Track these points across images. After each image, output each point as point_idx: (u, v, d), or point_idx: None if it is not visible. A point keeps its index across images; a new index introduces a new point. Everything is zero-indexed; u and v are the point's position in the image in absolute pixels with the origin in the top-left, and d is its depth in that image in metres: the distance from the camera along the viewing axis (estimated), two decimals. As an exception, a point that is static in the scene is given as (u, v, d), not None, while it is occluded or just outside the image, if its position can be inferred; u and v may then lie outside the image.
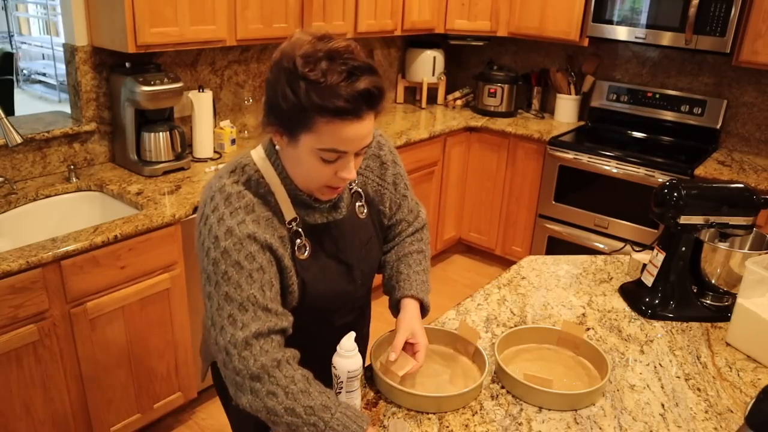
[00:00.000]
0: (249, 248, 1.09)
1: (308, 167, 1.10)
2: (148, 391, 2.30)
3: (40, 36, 8.97)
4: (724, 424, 1.24)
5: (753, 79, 3.34)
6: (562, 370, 1.38)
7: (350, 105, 1.02)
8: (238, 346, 1.06)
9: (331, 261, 1.24)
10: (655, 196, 1.64)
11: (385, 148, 1.36)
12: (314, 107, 1.01)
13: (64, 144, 2.47)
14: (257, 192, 1.15)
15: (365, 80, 1.03)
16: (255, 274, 1.09)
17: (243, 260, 1.08)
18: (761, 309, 1.45)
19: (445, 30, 3.80)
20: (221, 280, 1.09)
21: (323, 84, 1.01)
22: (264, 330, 1.08)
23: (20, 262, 1.79)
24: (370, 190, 1.33)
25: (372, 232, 1.33)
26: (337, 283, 1.26)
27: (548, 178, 3.53)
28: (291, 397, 1.05)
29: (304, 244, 1.19)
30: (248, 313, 1.08)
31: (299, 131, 1.06)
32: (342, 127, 1.03)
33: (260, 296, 1.09)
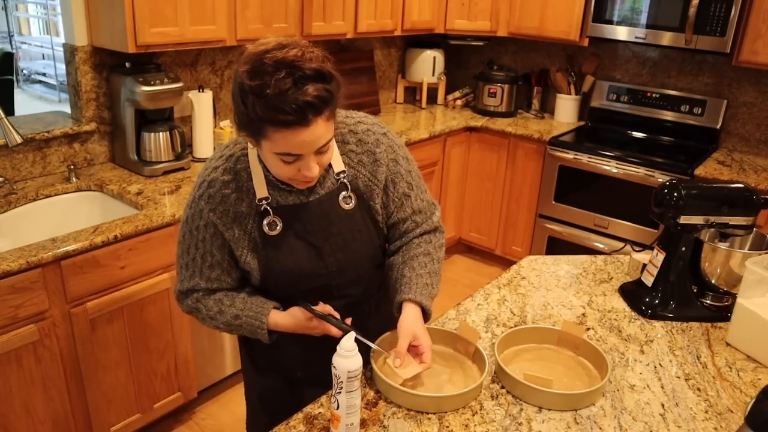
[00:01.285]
0: (198, 221, 1.29)
1: (273, 166, 1.19)
2: (148, 391, 2.30)
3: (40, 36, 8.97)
4: (724, 424, 1.24)
5: (753, 79, 3.34)
6: (562, 370, 1.38)
7: (294, 116, 1.06)
8: (177, 294, 1.38)
9: (299, 241, 1.30)
10: (655, 196, 1.64)
11: (383, 145, 1.34)
12: (262, 119, 1.08)
13: (64, 144, 2.47)
14: (233, 168, 1.28)
15: (310, 88, 1.07)
16: (200, 243, 1.30)
17: (193, 230, 1.30)
18: (761, 309, 1.45)
19: (445, 30, 3.80)
20: (182, 238, 1.33)
21: (270, 95, 1.05)
22: (191, 288, 1.34)
23: (20, 262, 1.79)
24: (361, 183, 1.33)
25: (360, 226, 1.33)
26: (304, 263, 1.31)
27: (548, 178, 3.53)
28: (213, 319, 1.35)
29: (275, 221, 1.28)
30: (189, 271, 1.33)
31: (258, 137, 1.14)
32: (291, 134, 1.09)
33: (201, 261, 1.31)
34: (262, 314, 1.31)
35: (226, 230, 1.28)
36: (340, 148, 1.31)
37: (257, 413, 1.59)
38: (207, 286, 1.34)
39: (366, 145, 1.33)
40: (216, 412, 2.62)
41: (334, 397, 1.12)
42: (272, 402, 1.53)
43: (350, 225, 1.32)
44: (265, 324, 1.31)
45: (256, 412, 1.60)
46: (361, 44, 3.74)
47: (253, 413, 1.62)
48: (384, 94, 4.06)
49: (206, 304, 1.35)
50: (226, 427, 2.54)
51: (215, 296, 1.35)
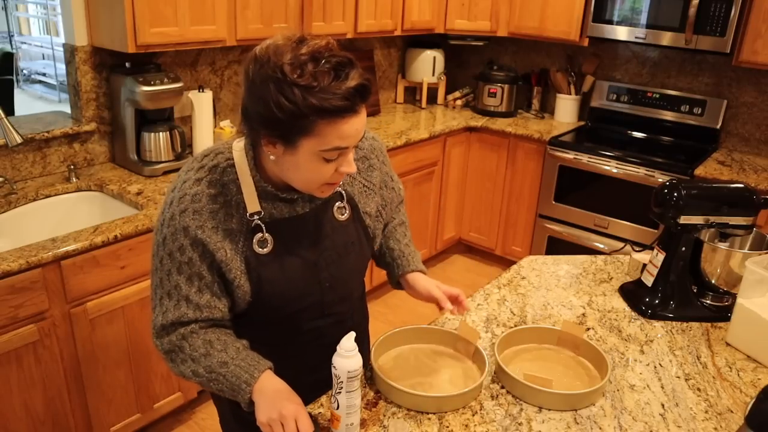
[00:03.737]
0: (181, 240, 1.14)
1: (309, 169, 1.10)
2: (148, 391, 2.30)
3: (40, 36, 8.97)
4: (724, 424, 1.24)
5: (753, 79, 3.34)
6: (562, 370, 1.38)
7: (348, 102, 1.03)
8: (157, 329, 1.19)
9: (293, 258, 1.22)
10: (655, 196, 1.64)
11: (376, 150, 1.36)
12: (314, 111, 1.02)
13: (64, 144, 2.47)
14: (220, 180, 1.16)
15: (354, 75, 1.04)
16: (184, 266, 1.15)
17: (176, 251, 1.15)
18: (761, 309, 1.45)
19: (445, 30, 3.80)
20: (159, 265, 1.17)
21: (317, 87, 1.01)
22: (179, 320, 1.17)
23: (20, 262, 1.79)
24: (356, 191, 1.31)
25: (353, 237, 1.29)
26: (298, 281, 1.23)
27: (548, 178, 3.53)
28: (195, 362, 1.16)
29: (266, 238, 1.18)
30: (172, 301, 1.17)
31: (298, 137, 1.06)
32: (342, 124, 1.05)
33: (186, 287, 1.16)
34: (255, 369, 1.14)
35: (216, 250, 1.15)
36: None
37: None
38: (195, 315, 1.17)
39: (361, 152, 1.33)
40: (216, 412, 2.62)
41: (334, 397, 1.12)
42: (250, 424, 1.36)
43: (344, 237, 1.28)
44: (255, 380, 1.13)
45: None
46: (361, 44, 3.74)
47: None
48: (384, 94, 4.06)
49: (193, 342, 1.17)
50: (226, 427, 2.54)
51: (206, 336, 1.18)
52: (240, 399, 1.13)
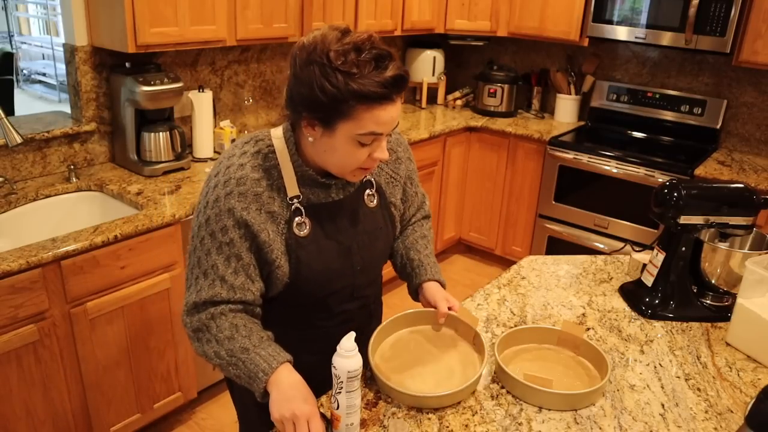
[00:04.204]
0: (225, 221, 1.19)
1: (344, 153, 1.17)
2: (148, 391, 2.30)
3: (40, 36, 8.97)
4: (724, 424, 1.24)
5: (753, 79, 3.34)
6: (562, 370, 1.38)
7: (386, 90, 1.11)
8: (188, 306, 1.23)
9: (330, 241, 1.28)
10: (655, 196, 1.64)
11: (403, 145, 1.45)
12: (354, 96, 1.09)
13: (64, 144, 2.47)
14: (262, 165, 1.22)
15: (392, 67, 1.12)
16: (225, 246, 1.19)
17: (218, 232, 1.19)
18: (761, 309, 1.45)
19: (445, 30, 3.80)
20: (198, 245, 1.21)
21: (358, 74, 1.09)
22: (212, 299, 1.20)
23: (20, 262, 1.79)
24: (383, 181, 1.39)
25: (380, 223, 1.36)
26: (334, 264, 1.29)
27: (548, 178, 3.53)
28: (219, 344, 1.19)
29: (304, 221, 1.25)
30: (207, 280, 1.21)
31: (337, 120, 1.13)
32: (379, 111, 1.12)
33: (223, 267, 1.20)
34: (274, 359, 1.17)
35: (260, 232, 1.20)
36: None
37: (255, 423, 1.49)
38: (228, 296, 1.21)
39: (389, 144, 1.39)
40: (216, 412, 2.62)
41: (334, 397, 1.12)
42: None
43: (373, 223, 1.35)
44: (273, 370, 1.15)
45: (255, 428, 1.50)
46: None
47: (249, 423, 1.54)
48: (384, 94, 4.05)
49: (220, 324, 1.20)
50: (226, 427, 2.54)
51: (233, 320, 1.21)
52: (255, 388, 1.16)
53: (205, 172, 2.59)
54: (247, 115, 3.15)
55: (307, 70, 1.11)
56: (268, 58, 3.15)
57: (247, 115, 3.15)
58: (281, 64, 3.23)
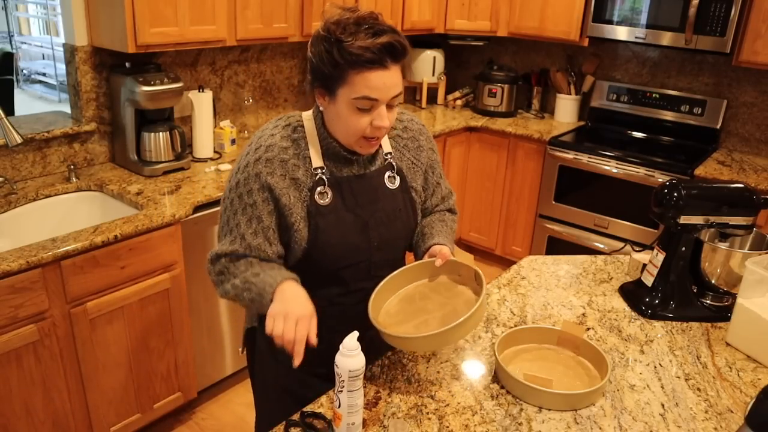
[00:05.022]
0: (251, 185, 1.29)
1: (347, 120, 1.26)
2: (148, 391, 2.30)
3: (40, 36, 8.97)
4: (724, 424, 1.24)
5: (753, 79, 3.34)
6: (562, 370, 1.38)
7: (375, 56, 1.19)
8: (212, 256, 1.35)
9: (348, 213, 1.34)
10: (655, 196, 1.64)
11: (425, 134, 1.51)
12: (346, 61, 1.19)
13: (64, 144, 2.47)
14: (291, 136, 1.33)
15: (387, 36, 1.21)
16: (249, 208, 1.30)
17: (244, 194, 1.30)
18: (761, 309, 1.45)
19: (445, 30, 3.80)
20: (228, 204, 1.33)
21: (352, 42, 1.19)
22: (232, 252, 1.32)
23: (20, 262, 1.79)
24: (404, 166, 1.45)
25: (400, 205, 1.41)
26: (351, 235, 1.35)
27: (548, 178, 3.53)
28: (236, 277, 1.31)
29: (326, 191, 1.33)
30: (231, 236, 1.32)
31: (337, 86, 1.23)
32: (370, 75, 1.20)
33: (245, 226, 1.31)
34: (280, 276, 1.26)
35: (282, 195, 1.30)
36: (388, 133, 1.42)
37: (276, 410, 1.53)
38: (245, 253, 1.32)
39: (411, 132, 1.48)
40: (216, 412, 2.62)
41: (336, 396, 1.12)
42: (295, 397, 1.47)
43: (393, 203, 1.40)
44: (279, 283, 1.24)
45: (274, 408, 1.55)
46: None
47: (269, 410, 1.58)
48: (384, 94, 4.06)
49: (238, 264, 1.32)
50: (226, 427, 2.55)
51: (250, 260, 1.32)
52: (264, 302, 1.23)
53: (205, 172, 2.59)
54: (247, 115, 3.15)
55: (315, 44, 1.25)
56: (268, 58, 3.15)
57: (247, 115, 3.15)
58: (281, 64, 3.23)
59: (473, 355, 1.43)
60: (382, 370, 1.36)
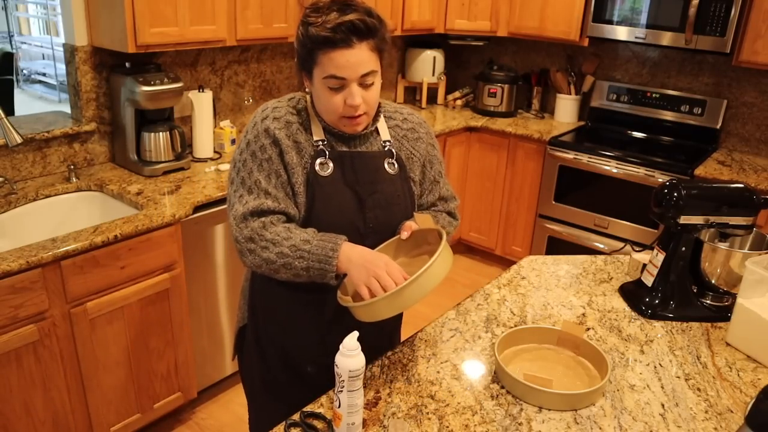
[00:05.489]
0: (263, 140, 1.31)
1: (324, 99, 1.28)
2: (148, 391, 2.30)
3: (40, 36, 8.96)
4: (724, 424, 1.24)
5: (753, 79, 3.34)
6: (562, 370, 1.38)
7: (338, 35, 1.21)
8: (237, 218, 1.30)
9: (346, 188, 1.35)
10: (655, 196, 1.64)
11: (425, 128, 1.50)
12: (314, 42, 1.23)
13: (64, 144, 2.47)
14: (296, 107, 1.37)
15: (354, 14, 1.22)
16: (264, 163, 1.31)
17: (258, 150, 1.31)
18: (761, 309, 1.45)
19: (445, 30, 3.80)
20: (241, 166, 1.32)
21: (320, 23, 1.21)
22: (259, 209, 1.28)
23: (20, 262, 1.79)
24: (403, 155, 1.44)
25: (399, 191, 1.41)
26: (347, 210, 1.34)
27: (548, 178, 3.53)
28: (278, 244, 1.26)
29: (327, 163, 1.34)
30: (252, 194, 1.30)
31: (312, 67, 1.27)
32: (336, 54, 1.22)
33: (265, 182, 1.30)
34: (336, 239, 1.26)
35: (286, 152, 1.31)
36: (387, 122, 1.44)
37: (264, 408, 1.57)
38: (274, 206, 1.30)
39: (410, 124, 1.48)
40: (216, 412, 2.62)
41: (336, 396, 1.12)
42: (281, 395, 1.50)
43: (392, 188, 1.39)
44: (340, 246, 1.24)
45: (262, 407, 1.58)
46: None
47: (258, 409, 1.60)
48: (384, 94, 4.06)
49: (274, 229, 1.28)
50: (226, 427, 2.54)
51: (285, 225, 1.30)
52: (327, 269, 1.23)
53: (205, 172, 2.59)
54: (247, 115, 3.15)
55: (297, 30, 1.29)
56: (268, 58, 3.15)
57: (247, 115, 3.15)
58: (281, 64, 3.23)
59: (473, 355, 1.43)
60: (382, 370, 1.36)
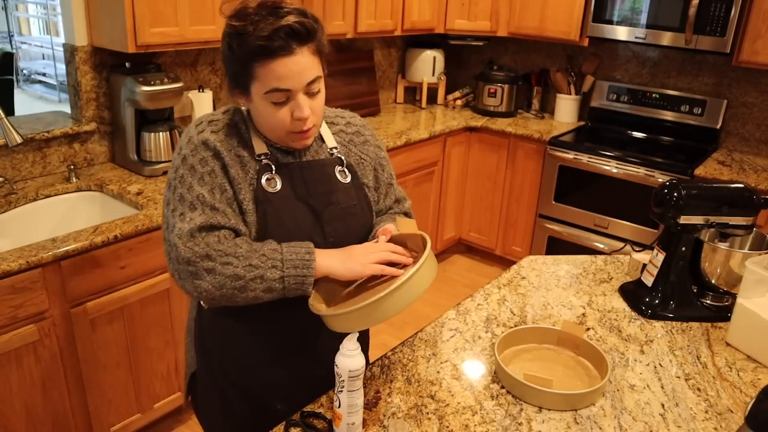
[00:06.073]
0: (202, 153, 1.17)
1: (267, 115, 1.17)
2: (148, 391, 2.30)
3: (40, 36, 8.97)
4: (724, 424, 1.24)
5: (753, 79, 3.34)
6: (562, 370, 1.38)
7: (276, 42, 1.09)
8: (184, 237, 1.13)
9: (300, 203, 1.24)
10: (655, 196, 1.64)
11: (369, 130, 1.42)
12: (248, 55, 1.10)
13: (64, 144, 2.47)
14: (232, 118, 1.24)
15: (287, 18, 1.10)
16: (206, 177, 1.16)
17: (197, 164, 1.17)
18: (761, 309, 1.45)
19: (445, 30, 3.80)
20: (178, 184, 1.17)
21: (251, 32, 1.09)
22: (208, 224, 1.14)
23: (20, 262, 1.79)
24: (353, 161, 1.36)
25: (355, 200, 1.32)
26: (303, 227, 1.23)
27: (548, 178, 3.53)
28: (244, 257, 1.12)
29: (275, 178, 1.22)
30: (196, 210, 1.14)
31: (248, 83, 1.14)
32: (275, 65, 1.11)
33: (209, 196, 1.16)
34: (307, 243, 1.16)
35: (230, 167, 1.18)
36: (330, 128, 1.35)
37: None
38: (224, 221, 1.15)
39: (354, 127, 1.39)
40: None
41: (336, 396, 1.12)
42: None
43: (347, 197, 1.30)
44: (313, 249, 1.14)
45: None
46: (361, 44, 3.74)
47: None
48: (384, 94, 4.06)
49: (232, 242, 1.14)
50: (226, 427, 2.54)
51: (241, 239, 1.16)
52: (307, 273, 1.13)
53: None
54: (247, 115, 3.15)
55: (222, 43, 1.16)
56: (268, 58, 3.15)
57: (247, 115, 3.15)
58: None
59: (473, 355, 1.43)
60: (382, 370, 1.36)
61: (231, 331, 1.30)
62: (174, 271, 1.15)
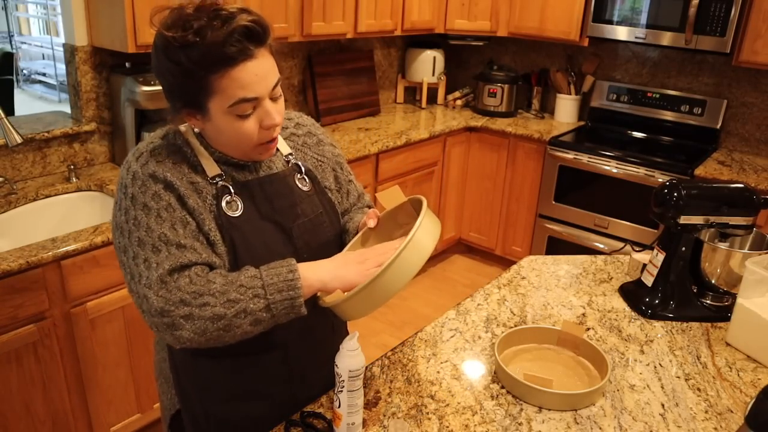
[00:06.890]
0: (153, 188, 1.04)
1: (232, 131, 1.05)
2: (148, 391, 2.30)
3: (40, 36, 8.97)
4: (724, 424, 1.24)
5: (753, 79, 3.34)
6: (562, 370, 1.39)
7: (235, 47, 0.98)
8: (154, 286, 1.00)
9: (266, 223, 1.15)
10: (655, 196, 1.64)
11: (319, 127, 1.36)
12: (202, 67, 0.98)
13: (64, 144, 2.47)
14: (174, 142, 1.11)
15: (239, 19, 0.98)
16: (163, 213, 1.04)
17: (149, 201, 1.04)
18: (761, 309, 1.45)
19: (445, 30, 3.80)
20: (133, 227, 1.03)
21: (200, 41, 0.96)
22: (177, 265, 1.01)
23: (20, 262, 1.79)
24: (311, 165, 1.28)
25: (320, 208, 1.25)
26: (274, 248, 1.14)
27: (548, 178, 3.53)
28: (220, 294, 0.99)
29: (235, 200, 1.11)
30: (161, 253, 1.01)
31: (203, 99, 1.02)
32: (239, 72, 0.99)
33: (172, 234, 1.03)
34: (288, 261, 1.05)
35: (187, 197, 1.06)
36: (281, 133, 1.25)
37: None
38: (194, 258, 1.03)
39: (305, 127, 1.32)
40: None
41: (336, 396, 1.12)
42: None
43: (312, 206, 1.23)
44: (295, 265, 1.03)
45: None
46: (361, 44, 3.74)
47: None
48: (384, 94, 4.06)
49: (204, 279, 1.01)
50: (226, 427, 2.54)
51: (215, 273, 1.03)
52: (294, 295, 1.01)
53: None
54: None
55: (157, 59, 1.02)
56: (268, 58, 3.15)
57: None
58: (281, 64, 3.21)
59: (473, 355, 1.43)
60: (382, 370, 1.36)
61: (209, 368, 1.21)
62: (150, 324, 1.02)
